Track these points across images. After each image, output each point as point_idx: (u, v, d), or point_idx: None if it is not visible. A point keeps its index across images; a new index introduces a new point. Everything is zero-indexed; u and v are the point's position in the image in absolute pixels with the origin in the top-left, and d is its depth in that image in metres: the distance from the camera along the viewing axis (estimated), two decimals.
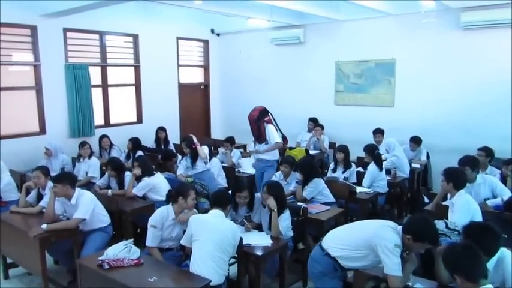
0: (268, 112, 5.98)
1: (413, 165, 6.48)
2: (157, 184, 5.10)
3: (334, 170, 5.84)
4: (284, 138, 6.10)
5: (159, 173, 5.34)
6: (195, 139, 5.66)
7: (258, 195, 4.29)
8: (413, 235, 2.73)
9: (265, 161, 5.95)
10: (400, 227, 2.86)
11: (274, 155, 5.98)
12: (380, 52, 7.68)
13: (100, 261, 3.20)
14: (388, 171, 5.96)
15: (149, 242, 3.69)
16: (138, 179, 5.09)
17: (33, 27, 6.88)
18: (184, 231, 3.62)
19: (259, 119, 5.85)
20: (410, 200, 6.49)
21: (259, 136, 5.91)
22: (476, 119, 6.77)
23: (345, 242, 3.05)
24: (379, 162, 5.66)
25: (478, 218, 3.63)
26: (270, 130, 5.88)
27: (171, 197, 3.86)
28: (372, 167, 5.61)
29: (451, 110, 7.04)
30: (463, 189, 3.85)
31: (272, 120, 6.00)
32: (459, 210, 3.67)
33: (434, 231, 2.80)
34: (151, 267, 3.25)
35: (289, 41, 8.72)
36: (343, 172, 5.74)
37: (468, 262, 2.34)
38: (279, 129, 6.07)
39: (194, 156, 5.55)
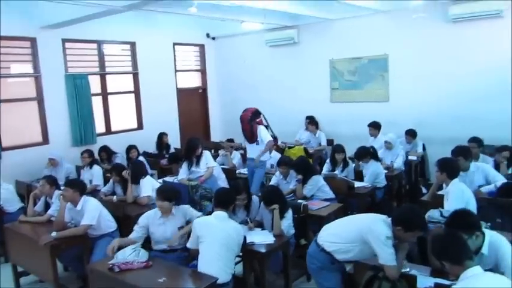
0: (260, 113, 6.12)
1: (409, 157, 6.60)
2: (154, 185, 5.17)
3: (332, 171, 5.82)
4: (275, 138, 6.18)
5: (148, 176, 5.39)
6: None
7: (255, 197, 4.42)
8: (403, 226, 2.84)
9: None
10: (389, 219, 2.97)
11: (264, 156, 6.05)
12: (372, 48, 7.80)
13: (111, 265, 3.31)
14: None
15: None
16: (133, 183, 5.16)
17: (33, 39, 6.98)
18: (179, 228, 3.82)
19: (252, 119, 5.99)
20: (409, 192, 6.62)
21: (252, 136, 6.02)
22: (468, 108, 6.91)
23: (338, 236, 3.16)
24: (376, 157, 5.78)
25: (472, 204, 3.73)
26: (261, 130, 6.00)
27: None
28: (371, 166, 5.66)
29: (444, 102, 7.18)
30: (457, 178, 3.95)
31: (263, 121, 6.13)
32: (453, 198, 3.77)
33: (422, 218, 2.93)
34: (161, 268, 3.36)
35: (284, 42, 8.83)
36: (342, 171, 5.77)
37: (451, 247, 2.47)
38: (271, 129, 6.17)
39: (197, 159, 5.62)
